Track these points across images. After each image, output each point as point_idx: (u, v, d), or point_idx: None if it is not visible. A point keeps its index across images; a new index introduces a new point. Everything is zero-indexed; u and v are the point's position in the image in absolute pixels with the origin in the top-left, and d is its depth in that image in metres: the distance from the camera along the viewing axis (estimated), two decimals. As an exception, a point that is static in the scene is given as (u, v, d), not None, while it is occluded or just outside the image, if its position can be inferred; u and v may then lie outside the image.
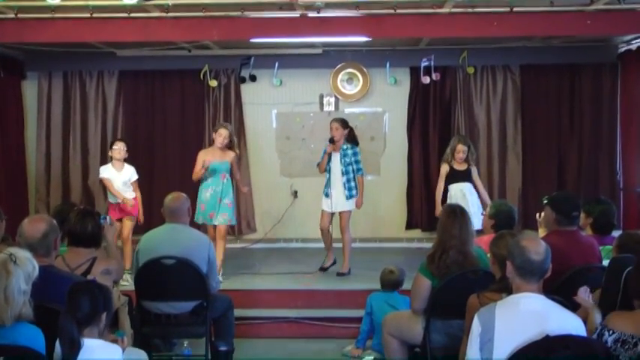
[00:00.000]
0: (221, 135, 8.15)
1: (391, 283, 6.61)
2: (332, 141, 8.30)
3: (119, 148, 8.21)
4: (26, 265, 3.57)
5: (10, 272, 3.49)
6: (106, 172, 8.22)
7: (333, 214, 8.40)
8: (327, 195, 8.38)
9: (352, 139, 8.43)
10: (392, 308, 6.31)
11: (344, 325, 7.28)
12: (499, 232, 4.97)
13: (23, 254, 3.63)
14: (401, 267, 6.82)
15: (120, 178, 8.19)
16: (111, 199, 8.23)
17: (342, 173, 8.31)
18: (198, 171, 8.06)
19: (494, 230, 5.72)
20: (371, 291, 6.81)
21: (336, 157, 8.33)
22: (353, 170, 8.34)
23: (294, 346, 7.12)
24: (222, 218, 8.09)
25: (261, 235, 10.72)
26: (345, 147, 8.34)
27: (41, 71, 10.73)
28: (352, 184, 8.33)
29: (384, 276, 6.68)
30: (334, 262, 8.60)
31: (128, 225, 8.19)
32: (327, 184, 8.38)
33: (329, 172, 8.34)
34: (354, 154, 8.34)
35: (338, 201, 8.32)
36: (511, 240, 3.99)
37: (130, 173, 8.28)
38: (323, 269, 8.56)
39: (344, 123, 8.38)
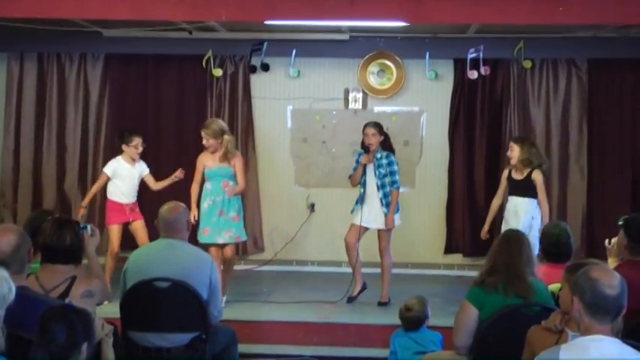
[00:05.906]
0: (203, 138, 8.16)
1: (412, 322, 6.44)
2: (367, 150, 8.32)
3: (139, 143, 8.51)
4: (1, 286, 3.58)
5: (-19, 295, 3.52)
6: (115, 168, 8.46)
7: (364, 229, 8.42)
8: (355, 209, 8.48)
9: (388, 146, 8.47)
10: (419, 346, 6.24)
11: (369, 367, 7.29)
12: (576, 262, 4.88)
13: (-1, 273, 3.65)
14: (421, 296, 6.57)
15: (133, 174, 8.53)
16: (118, 198, 8.44)
17: (378, 187, 8.35)
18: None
19: (544, 257, 5.74)
20: (399, 326, 6.78)
21: (370, 169, 8.36)
22: (389, 183, 8.37)
23: (309, 391, 7.14)
24: (227, 235, 8.02)
25: (270, 256, 10.75)
26: (378, 156, 8.36)
27: (11, 52, 10.84)
28: (389, 199, 8.36)
29: (402, 315, 6.48)
30: (364, 288, 8.57)
31: (141, 231, 8.39)
32: (360, 200, 8.42)
33: (364, 185, 8.38)
34: (389, 163, 8.37)
35: (371, 217, 8.36)
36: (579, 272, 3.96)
37: (141, 169, 8.64)
38: (351, 299, 8.52)
39: (381, 129, 8.41)
